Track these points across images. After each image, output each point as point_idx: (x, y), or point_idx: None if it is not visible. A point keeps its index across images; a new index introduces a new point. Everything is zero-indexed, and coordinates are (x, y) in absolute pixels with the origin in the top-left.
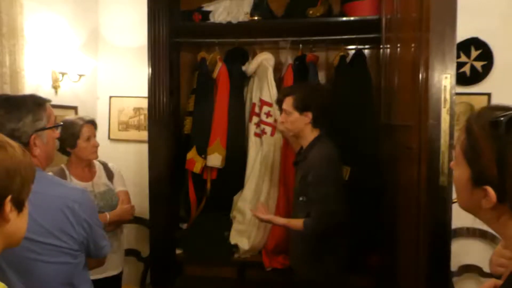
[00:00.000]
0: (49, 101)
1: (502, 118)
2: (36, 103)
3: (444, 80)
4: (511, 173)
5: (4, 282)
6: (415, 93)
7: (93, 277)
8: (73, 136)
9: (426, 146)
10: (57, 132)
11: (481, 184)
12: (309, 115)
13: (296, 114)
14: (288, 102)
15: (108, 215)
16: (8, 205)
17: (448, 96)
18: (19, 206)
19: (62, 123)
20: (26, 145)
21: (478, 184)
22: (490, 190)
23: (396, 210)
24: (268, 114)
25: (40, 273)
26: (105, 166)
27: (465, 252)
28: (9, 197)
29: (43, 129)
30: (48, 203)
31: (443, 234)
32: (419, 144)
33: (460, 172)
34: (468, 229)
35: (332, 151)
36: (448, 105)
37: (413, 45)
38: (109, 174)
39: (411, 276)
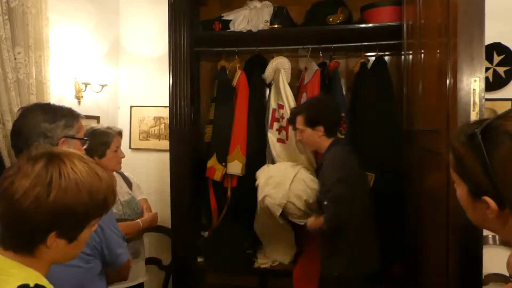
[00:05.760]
0: (82, 116)
1: (476, 130)
2: (70, 113)
3: (473, 83)
4: (500, 180)
5: None
6: (443, 97)
7: (117, 286)
8: (104, 145)
9: None
10: (83, 149)
11: (479, 196)
12: (321, 128)
13: (309, 130)
14: (299, 121)
15: (140, 222)
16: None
17: (477, 100)
18: None
19: (88, 139)
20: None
21: (477, 197)
22: (489, 200)
23: (420, 216)
24: (282, 117)
25: (50, 275)
26: (122, 175)
27: (490, 260)
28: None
29: (72, 137)
30: None
31: (475, 238)
32: (447, 148)
33: (460, 189)
34: (493, 237)
35: (345, 153)
36: (477, 109)
37: (438, 50)
38: (128, 183)
39: (439, 283)
